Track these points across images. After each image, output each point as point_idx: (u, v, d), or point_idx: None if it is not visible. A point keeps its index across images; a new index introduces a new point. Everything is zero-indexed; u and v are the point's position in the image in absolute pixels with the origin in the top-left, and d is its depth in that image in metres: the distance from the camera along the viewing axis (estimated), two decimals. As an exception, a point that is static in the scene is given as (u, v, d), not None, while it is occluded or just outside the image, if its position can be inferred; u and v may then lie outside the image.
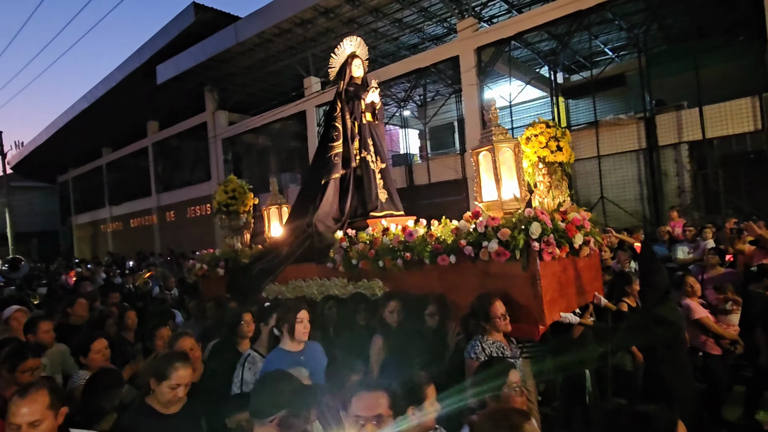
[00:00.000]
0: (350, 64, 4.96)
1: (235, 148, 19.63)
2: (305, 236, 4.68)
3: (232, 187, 6.17)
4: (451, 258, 3.55)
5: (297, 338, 2.90)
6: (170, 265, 14.74)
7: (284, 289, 4.82)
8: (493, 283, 3.36)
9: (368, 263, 4.05)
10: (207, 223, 20.00)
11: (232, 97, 18.82)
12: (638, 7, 11.62)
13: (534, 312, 3.24)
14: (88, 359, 3.18)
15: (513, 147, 3.84)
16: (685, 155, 10.39)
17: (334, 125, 4.79)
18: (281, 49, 15.56)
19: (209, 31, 15.90)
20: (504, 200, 3.75)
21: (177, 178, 22.48)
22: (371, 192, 4.80)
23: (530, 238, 3.16)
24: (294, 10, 13.73)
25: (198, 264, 5.93)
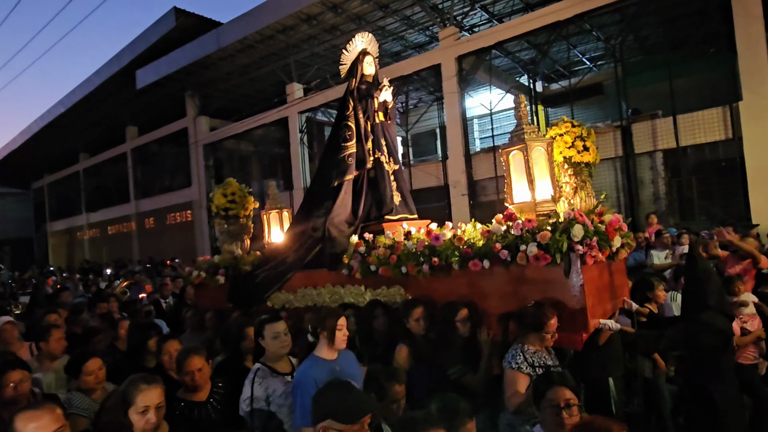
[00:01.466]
0: (362, 62, 4.76)
1: (216, 154, 19.44)
2: (314, 241, 4.46)
3: (231, 190, 5.84)
4: (484, 263, 3.32)
5: (336, 346, 2.75)
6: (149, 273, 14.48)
7: (292, 297, 4.54)
8: (529, 290, 3.19)
9: (389, 269, 3.81)
10: (188, 230, 19.74)
11: (213, 103, 18.67)
12: (614, 19, 11.94)
13: (576, 320, 3.04)
14: (81, 380, 2.93)
15: (545, 146, 3.61)
16: (660, 163, 10.66)
17: (347, 124, 4.57)
18: (263, 55, 15.51)
19: (190, 37, 15.77)
20: (538, 201, 3.52)
21: (157, 185, 22.15)
22: (386, 194, 4.58)
23: (572, 241, 2.99)
24: (276, 17, 13.72)
25: (195, 272, 5.62)
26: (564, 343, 3.09)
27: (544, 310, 2.88)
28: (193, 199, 19.56)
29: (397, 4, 13.08)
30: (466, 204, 12.58)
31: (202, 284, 5.56)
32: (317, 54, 15.60)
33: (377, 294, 3.94)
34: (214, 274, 5.35)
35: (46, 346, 3.48)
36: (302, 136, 16.19)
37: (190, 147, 19.15)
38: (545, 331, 2.84)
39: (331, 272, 4.26)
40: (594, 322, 3.12)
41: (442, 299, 3.46)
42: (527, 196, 3.56)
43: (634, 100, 11.95)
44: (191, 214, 19.78)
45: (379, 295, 3.91)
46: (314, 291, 4.37)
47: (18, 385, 2.60)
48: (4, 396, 2.56)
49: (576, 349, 3.19)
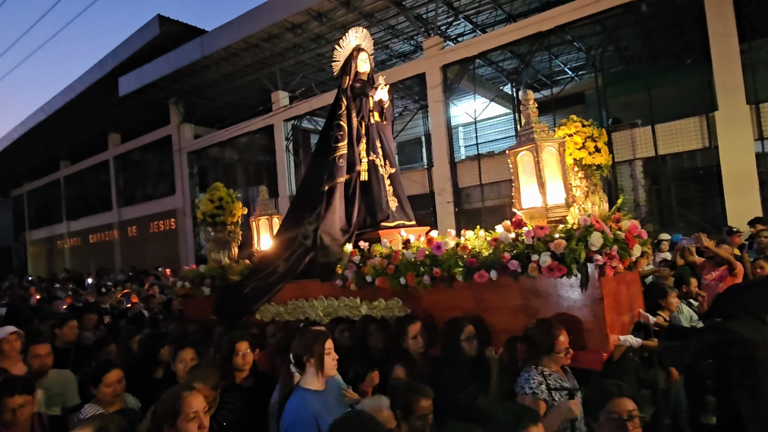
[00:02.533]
0: (356, 58, 4.47)
1: (201, 162, 19.30)
2: (304, 249, 4.18)
3: (218, 195, 5.49)
4: (491, 274, 3.03)
5: (327, 373, 2.47)
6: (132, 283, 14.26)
7: (282, 310, 4.25)
8: (541, 303, 2.93)
9: (386, 280, 3.52)
10: (172, 239, 19.51)
11: (197, 111, 18.56)
12: (595, 30, 12.20)
13: (595, 337, 2.78)
14: (99, 391, 2.80)
15: (557, 146, 3.29)
16: (640, 171, 10.87)
17: (339, 124, 4.27)
18: (248, 63, 15.49)
19: (174, 44, 15.69)
20: (549, 206, 3.20)
21: (140, 192, 21.88)
22: (381, 200, 4.29)
23: (590, 251, 2.72)
24: (261, 25, 13.73)
25: (180, 282, 5.29)
26: (582, 363, 2.81)
27: (550, 329, 2.61)
28: (176, 207, 19.35)
29: (381, 14, 13.19)
30: (452, 212, 12.67)
31: (188, 295, 5.27)
32: (303, 62, 15.64)
33: (374, 307, 3.68)
34: (200, 285, 5.06)
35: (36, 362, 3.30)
36: (288, 144, 16.16)
37: (174, 155, 18.98)
38: (557, 351, 2.58)
39: (324, 283, 3.99)
40: (613, 338, 2.87)
41: (444, 313, 3.22)
42: (537, 201, 3.23)
43: (615, 109, 12.19)
44: (175, 222, 19.56)
45: (375, 308, 3.66)
46: (306, 303, 4.10)
47: (17, 410, 2.47)
48: (3, 420, 2.44)
49: (595, 369, 2.88)
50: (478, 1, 12.79)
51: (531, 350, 2.68)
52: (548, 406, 2.49)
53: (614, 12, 10.57)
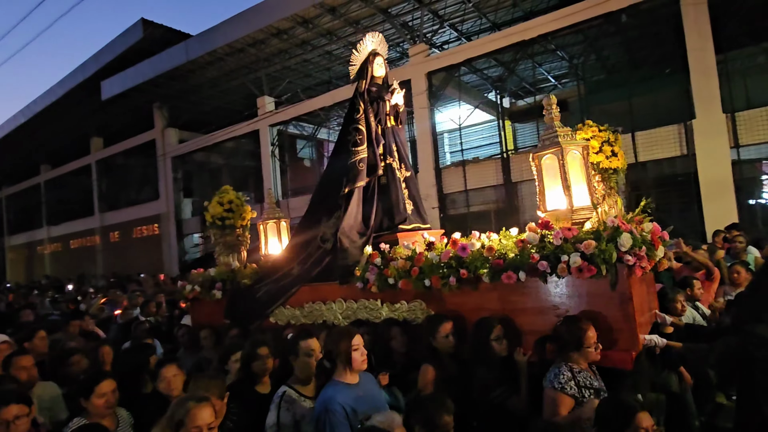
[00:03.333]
0: (372, 62, 4.52)
1: (185, 167, 19.13)
2: (323, 252, 4.18)
3: (228, 198, 5.45)
4: (520, 275, 3.04)
5: (355, 368, 2.55)
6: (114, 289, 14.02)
7: (298, 313, 4.23)
8: (570, 304, 2.96)
9: (410, 282, 3.51)
10: (155, 244, 19.27)
11: (182, 115, 18.42)
12: (577, 39, 12.42)
13: (624, 336, 2.80)
14: (90, 403, 2.68)
15: (581, 150, 3.33)
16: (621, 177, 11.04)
17: (358, 128, 4.28)
18: (234, 67, 15.44)
19: (158, 48, 15.58)
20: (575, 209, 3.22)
21: (123, 197, 21.59)
22: (399, 202, 4.31)
23: (619, 251, 2.77)
24: (246, 31, 13.72)
25: (189, 286, 5.20)
26: (612, 363, 2.82)
27: (577, 324, 2.66)
28: (160, 213, 19.13)
29: (367, 21, 13.27)
30: (437, 217, 12.73)
31: (196, 299, 5.19)
32: (289, 68, 15.64)
33: (395, 309, 3.67)
34: (210, 289, 4.98)
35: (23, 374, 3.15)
36: (274, 149, 16.12)
37: (158, 159, 18.79)
38: (586, 345, 2.60)
39: (342, 286, 3.96)
40: (641, 338, 2.93)
41: (469, 314, 3.26)
42: (562, 203, 3.27)
43: (596, 117, 12.32)
44: (158, 227, 19.33)
45: (397, 311, 3.65)
46: (323, 306, 4.08)
47: (13, 423, 2.36)
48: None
49: (626, 368, 2.88)
50: (463, 10, 12.94)
51: (560, 347, 2.69)
52: (577, 402, 2.49)
53: (596, 22, 10.78)
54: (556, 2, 12.28)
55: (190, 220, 18.88)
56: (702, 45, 9.40)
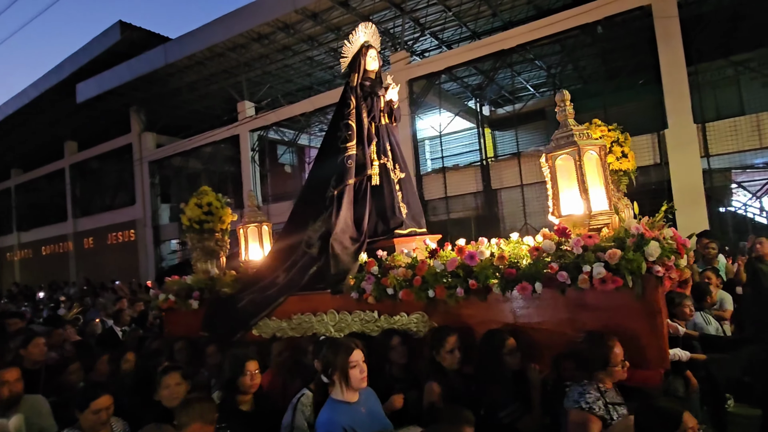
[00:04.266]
0: (364, 55, 4.19)
1: (163, 172, 18.81)
2: (309, 259, 3.89)
3: (207, 200, 5.03)
4: (536, 286, 2.79)
5: (354, 387, 2.37)
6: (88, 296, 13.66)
7: (285, 325, 3.89)
8: (589, 317, 2.73)
9: (412, 293, 3.24)
10: (131, 251, 18.85)
11: (160, 119, 18.13)
12: (555, 50, 12.69)
13: (653, 352, 2.60)
14: (83, 417, 2.59)
15: (598, 150, 3.07)
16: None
17: (347, 123, 3.98)
18: (213, 72, 15.30)
19: (136, 51, 15.36)
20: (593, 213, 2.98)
21: (97, 203, 21.09)
22: (394, 205, 4.02)
23: (647, 261, 2.56)
24: (226, 35, 13.62)
25: (163, 294, 4.80)
26: (637, 380, 2.60)
27: (603, 340, 2.45)
28: (136, 218, 18.75)
29: (348, 28, 13.29)
30: (418, 224, 12.77)
31: (171, 309, 4.79)
32: (269, 73, 15.57)
33: (394, 322, 3.40)
34: (187, 298, 4.62)
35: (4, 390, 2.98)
36: (254, 155, 15.98)
37: (134, 164, 18.44)
38: (612, 364, 2.41)
39: (334, 296, 3.67)
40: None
41: (476, 327, 3.04)
42: (579, 208, 3.00)
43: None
44: (134, 233, 18.94)
45: (396, 323, 3.39)
46: (314, 317, 3.76)
47: None
48: None
49: (655, 386, 2.70)
50: (444, 19, 13.10)
51: (583, 365, 2.50)
52: (605, 424, 2.33)
53: (572, 33, 11.02)
54: (534, 13, 12.54)
55: (167, 226, 18.55)
56: (673, 57, 9.68)
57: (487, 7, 12.44)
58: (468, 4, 12.30)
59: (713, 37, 10.86)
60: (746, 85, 11.90)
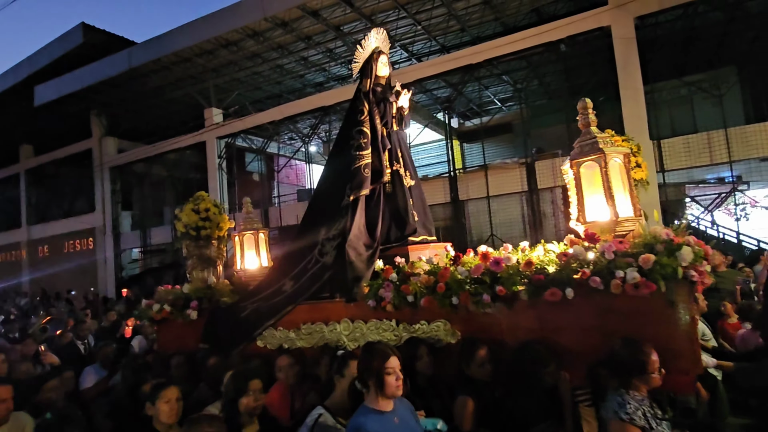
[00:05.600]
0: (376, 60, 4.15)
1: (125, 178, 18.26)
2: (321, 267, 3.78)
3: (204, 206, 4.81)
4: (567, 292, 2.74)
5: (389, 394, 2.29)
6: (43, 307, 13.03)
7: (293, 336, 3.73)
8: (619, 324, 2.68)
9: (434, 300, 3.17)
10: (88, 260, 18.13)
11: (122, 124, 17.63)
12: (521, 65, 13.05)
13: (686, 358, 2.55)
14: None
15: (622, 157, 3.08)
16: (560, 198, 11.62)
17: (362, 130, 3.89)
18: (180, 77, 15.01)
19: (99, 54, 14.93)
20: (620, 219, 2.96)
21: (54, 209, 20.25)
22: (408, 212, 3.97)
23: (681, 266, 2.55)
24: (194, 40, 13.41)
25: (157, 305, 4.53)
26: (671, 387, 2.57)
27: (640, 347, 2.41)
28: (95, 226, 18.08)
29: (320, 37, 13.34)
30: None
31: (164, 321, 4.52)
32: (238, 80, 15.40)
33: (414, 330, 3.29)
34: (183, 308, 4.38)
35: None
36: (221, 162, 15.72)
37: (94, 169, 17.82)
38: (650, 371, 2.37)
39: (349, 304, 3.57)
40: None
41: (501, 335, 2.99)
42: (605, 214, 2.98)
43: (538, 139, 13.04)
44: (93, 241, 18.25)
45: (416, 331, 3.28)
46: (325, 327, 3.62)
47: None
48: None
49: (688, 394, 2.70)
50: (414, 32, 13.29)
51: (619, 373, 2.44)
52: None
53: (537, 50, 11.38)
54: (501, 29, 12.89)
55: (128, 235, 17.97)
56: (631, 76, 10.12)
57: (456, 22, 12.70)
58: (437, 19, 12.53)
59: (668, 58, 11.43)
60: (698, 105, 12.53)
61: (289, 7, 11.86)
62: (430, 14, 12.08)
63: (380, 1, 11.68)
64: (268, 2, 12.09)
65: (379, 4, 11.82)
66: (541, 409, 2.57)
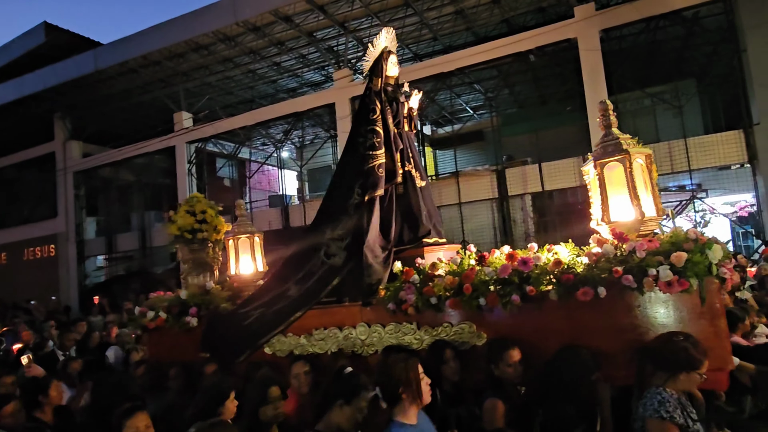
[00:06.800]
0: (386, 60, 4.10)
1: (90, 183, 17.66)
2: (329, 270, 3.68)
3: (200, 208, 4.63)
4: (599, 291, 2.72)
5: (425, 401, 2.20)
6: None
7: (305, 342, 3.58)
8: (651, 321, 2.72)
9: (460, 302, 3.10)
10: (50, 267, 17.45)
11: (87, 127, 17.08)
12: (492, 74, 13.31)
13: (717, 354, 2.57)
14: None
15: (644, 158, 3.12)
16: (529, 204, 11.86)
17: (374, 129, 3.82)
18: (148, 80, 14.68)
19: (62, 55, 14.49)
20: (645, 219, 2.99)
21: (13, 215, 19.40)
22: (421, 213, 3.95)
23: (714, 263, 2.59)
24: (163, 43, 13.15)
25: (152, 312, 4.27)
26: (706, 385, 2.52)
27: (686, 343, 2.36)
28: (58, 232, 17.42)
29: (292, 43, 13.28)
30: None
31: (158, 329, 4.27)
32: (209, 84, 15.17)
33: (437, 333, 3.18)
34: (180, 315, 4.13)
35: None
36: (191, 167, 15.42)
37: (57, 174, 17.20)
38: (700, 370, 2.33)
39: (365, 308, 3.45)
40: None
41: (529, 336, 2.93)
42: (629, 214, 3.01)
43: (509, 147, 13.29)
44: (55, 249, 17.57)
45: (439, 335, 3.17)
46: (339, 332, 3.47)
47: None
48: None
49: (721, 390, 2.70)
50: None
51: (667, 367, 2.36)
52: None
53: (507, 60, 11.63)
54: (473, 39, 13.12)
55: (93, 241, 17.39)
56: (596, 87, 10.43)
57: (428, 31, 12.86)
58: (410, 27, 12.65)
59: (632, 70, 11.84)
60: (661, 115, 13.01)
61: (262, 12, 11.78)
62: (403, 23, 12.18)
63: (353, 9, 11.72)
64: (241, 7, 11.98)
65: (351, 12, 11.87)
66: (579, 416, 2.47)
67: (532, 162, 11.88)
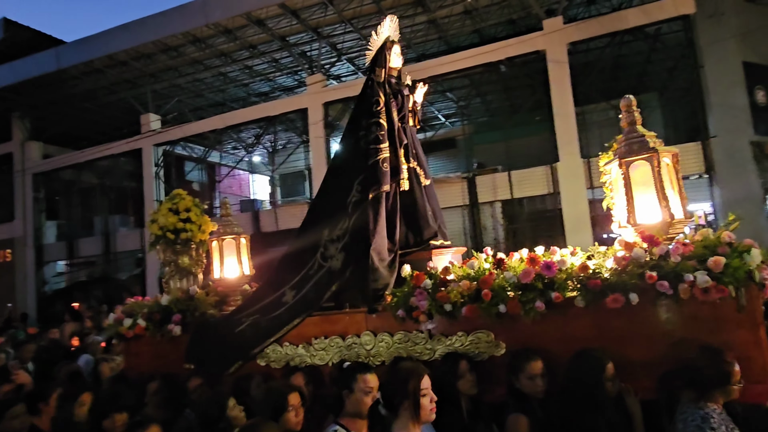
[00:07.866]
0: (389, 50, 3.83)
1: (50, 185, 16.99)
2: (327, 274, 3.39)
3: (184, 206, 4.25)
4: (631, 297, 2.53)
5: (423, 419, 2.08)
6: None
7: (303, 352, 3.33)
8: (685, 329, 2.54)
9: (478, 309, 2.84)
10: (6, 273, 16.65)
11: (48, 128, 16.43)
12: (464, 83, 13.52)
13: (757, 366, 2.42)
14: None
15: (671, 157, 2.94)
16: (499, 211, 12.07)
17: (378, 122, 3.50)
18: (114, 81, 14.26)
19: (22, 52, 13.93)
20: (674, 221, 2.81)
21: (-34, 218, 18.48)
22: (426, 214, 3.70)
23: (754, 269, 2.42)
24: (130, 43, 12.81)
25: (129, 319, 3.92)
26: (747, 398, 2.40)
27: (723, 357, 2.27)
28: (15, 236, 16.66)
29: (265, 47, 13.16)
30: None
31: (136, 338, 3.94)
32: (178, 86, 14.86)
33: (451, 343, 2.94)
34: (163, 323, 3.79)
35: None
36: (158, 171, 15.03)
37: (14, 175, 16.48)
38: (733, 383, 2.24)
39: (370, 315, 3.21)
40: None
41: (552, 345, 2.73)
42: (656, 216, 2.82)
43: (481, 155, 13.51)
44: (12, 254, 16.78)
45: (453, 344, 2.94)
46: (342, 341, 3.23)
47: None
48: None
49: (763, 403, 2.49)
50: (360, 46, 13.40)
51: (698, 384, 2.27)
52: None
53: (479, 69, 11.84)
54: (445, 48, 13.30)
55: (52, 246, 16.70)
56: (564, 98, 10.75)
57: (401, 39, 12.94)
58: (383, 34, 12.73)
59: (598, 82, 12.23)
60: (624, 126, 13.47)
61: (233, 15, 11.64)
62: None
63: (326, 15, 11.72)
64: (212, 9, 11.81)
65: (325, 18, 11.86)
66: (607, 425, 2.33)
67: (502, 170, 12.10)
